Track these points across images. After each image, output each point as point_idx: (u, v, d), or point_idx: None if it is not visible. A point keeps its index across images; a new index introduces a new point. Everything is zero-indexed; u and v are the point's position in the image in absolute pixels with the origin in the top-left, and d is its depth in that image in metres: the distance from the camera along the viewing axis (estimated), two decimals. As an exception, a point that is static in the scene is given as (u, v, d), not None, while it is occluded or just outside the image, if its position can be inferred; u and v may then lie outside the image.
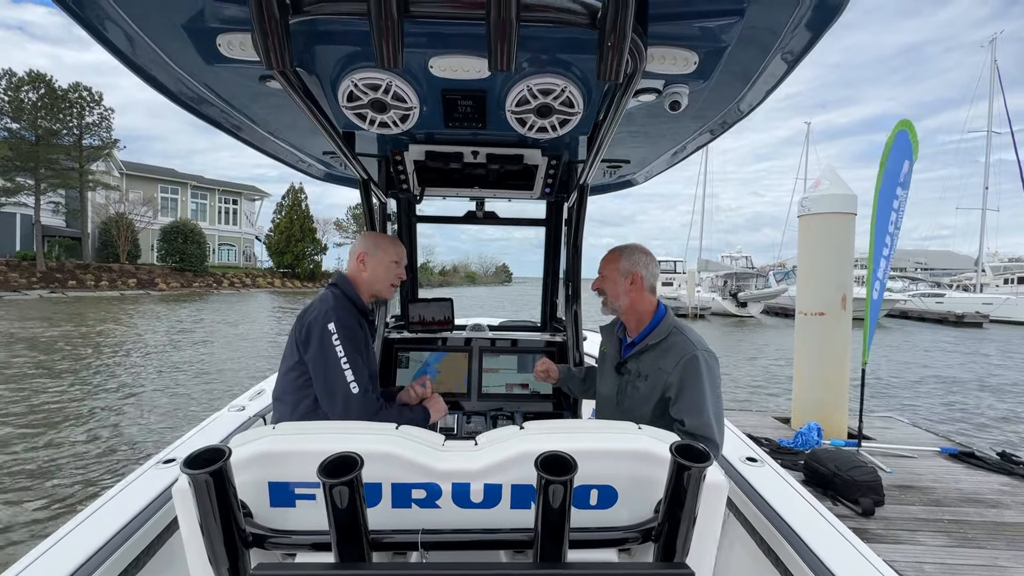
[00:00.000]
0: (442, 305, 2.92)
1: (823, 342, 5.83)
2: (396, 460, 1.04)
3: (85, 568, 1.26)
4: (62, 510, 4.65)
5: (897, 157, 5.18)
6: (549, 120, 1.47)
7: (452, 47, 1.20)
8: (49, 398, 8.44)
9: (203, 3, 1.05)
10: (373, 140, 2.10)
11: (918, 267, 52.75)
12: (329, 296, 1.85)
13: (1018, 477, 4.68)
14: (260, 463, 1.03)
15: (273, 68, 0.93)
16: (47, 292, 29.83)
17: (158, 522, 1.53)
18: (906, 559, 3.37)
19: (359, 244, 1.98)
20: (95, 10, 1.07)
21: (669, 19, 1.08)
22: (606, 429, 1.23)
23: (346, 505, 0.90)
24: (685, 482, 0.97)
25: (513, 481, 1.06)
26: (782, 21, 1.07)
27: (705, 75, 1.31)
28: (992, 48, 37.33)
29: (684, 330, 1.79)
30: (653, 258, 1.90)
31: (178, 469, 1.75)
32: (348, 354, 1.71)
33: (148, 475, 1.74)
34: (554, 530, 0.94)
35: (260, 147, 2.14)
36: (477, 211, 2.96)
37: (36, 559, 1.28)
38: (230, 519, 0.95)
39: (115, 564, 1.34)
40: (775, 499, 1.71)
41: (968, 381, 12.42)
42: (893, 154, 5.16)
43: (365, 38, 1.15)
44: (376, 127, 1.49)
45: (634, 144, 2.10)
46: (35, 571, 1.24)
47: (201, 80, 1.42)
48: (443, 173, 2.27)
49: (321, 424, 1.24)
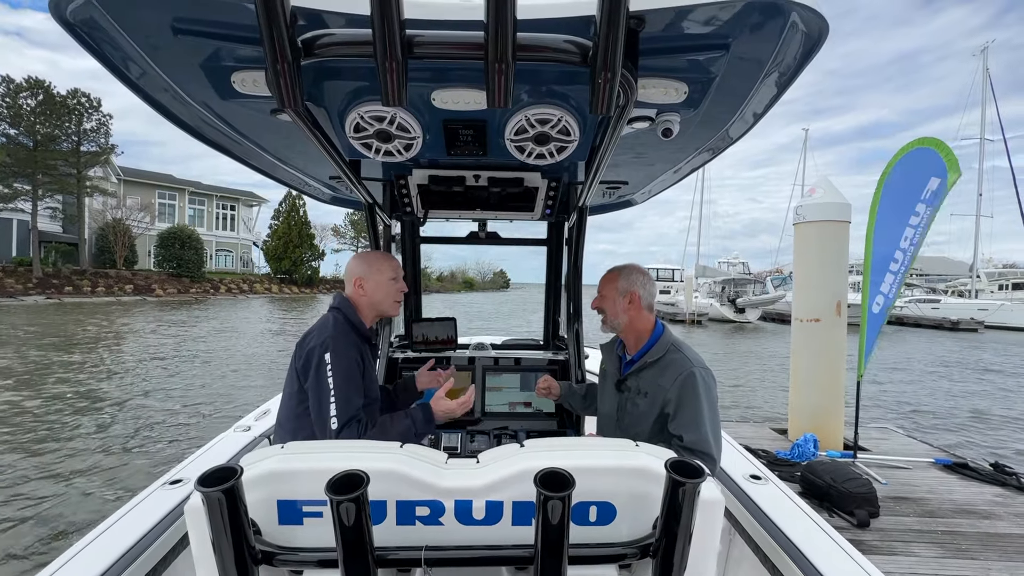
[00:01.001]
0: (445, 324, 2.94)
1: (819, 348, 5.89)
2: (400, 478, 1.06)
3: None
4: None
5: (917, 174, 5.11)
6: (547, 147, 1.50)
7: (453, 81, 1.24)
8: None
9: (220, 44, 1.09)
10: (378, 166, 2.14)
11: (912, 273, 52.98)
12: (330, 321, 1.82)
13: (1011, 488, 4.72)
14: (269, 481, 1.06)
15: (286, 107, 0.97)
16: (43, 298, 29.69)
17: (165, 542, 1.54)
18: (900, 570, 3.39)
19: (353, 269, 1.94)
20: (113, 47, 1.11)
21: (658, 53, 1.11)
22: (604, 446, 1.25)
23: (352, 522, 0.92)
24: (680, 498, 0.98)
25: (514, 498, 1.08)
26: (766, 53, 1.11)
27: (695, 104, 1.35)
28: (984, 56, 37.70)
29: (682, 347, 1.83)
30: (650, 277, 1.96)
31: (183, 489, 1.78)
32: (337, 386, 1.68)
33: (155, 496, 1.75)
34: (554, 546, 0.96)
35: (269, 173, 2.17)
36: (479, 232, 3.00)
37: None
38: (241, 536, 0.97)
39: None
40: (780, 517, 1.72)
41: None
42: (903, 171, 5.09)
43: (370, 74, 1.20)
44: (381, 155, 1.52)
45: (632, 166, 2.13)
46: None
47: (215, 113, 1.46)
48: (446, 196, 2.31)
49: (328, 443, 1.27)
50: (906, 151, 5.20)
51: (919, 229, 5.17)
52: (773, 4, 0.94)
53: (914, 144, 5.21)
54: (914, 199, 5.13)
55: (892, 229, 5.14)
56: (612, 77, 0.91)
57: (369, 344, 1.94)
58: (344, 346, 1.75)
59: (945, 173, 5.13)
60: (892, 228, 5.14)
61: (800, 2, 0.93)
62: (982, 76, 37.78)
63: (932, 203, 5.15)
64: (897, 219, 5.14)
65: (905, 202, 5.14)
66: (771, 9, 0.96)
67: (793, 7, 0.94)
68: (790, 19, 0.98)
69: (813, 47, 1.07)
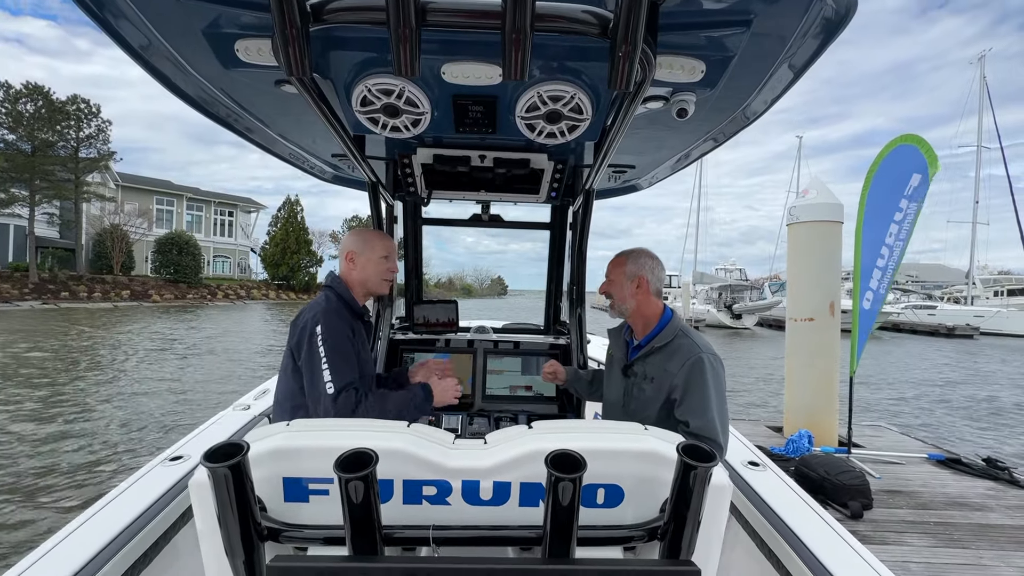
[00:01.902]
0: (447, 307, 2.96)
1: (813, 347, 5.94)
2: (408, 457, 1.06)
3: (94, 563, 1.26)
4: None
5: (900, 170, 5.22)
6: (558, 126, 1.47)
7: (464, 54, 1.22)
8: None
9: (223, 9, 1.07)
10: (382, 143, 2.13)
11: (909, 280, 53.23)
12: (321, 299, 1.86)
13: (1003, 482, 4.76)
14: (275, 459, 1.05)
15: (293, 75, 0.96)
16: (39, 304, 29.59)
17: (166, 518, 1.53)
18: (893, 559, 3.42)
19: (347, 243, 1.97)
20: (116, 14, 1.10)
21: (678, 29, 1.09)
22: (613, 429, 1.25)
23: (360, 500, 0.92)
24: (691, 482, 0.97)
25: (522, 479, 1.07)
26: (788, 31, 1.08)
27: (712, 83, 1.33)
28: (981, 65, 38.10)
29: (690, 334, 1.80)
30: (659, 262, 1.92)
31: (184, 466, 1.77)
32: (328, 355, 1.69)
33: (155, 472, 1.74)
34: (563, 527, 0.95)
35: (270, 148, 2.15)
36: (482, 214, 2.98)
37: (43, 555, 1.26)
38: (247, 512, 0.96)
39: (123, 559, 1.33)
40: (777, 502, 1.71)
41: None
42: (888, 169, 5.21)
43: (380, 45, 1.19)
44: (388, 131, 1.50)
45: (640, 149, 2.11)
46: (42, 567, 1.22)
47: (217, 84, 1.44)
48: (450, 176, 2.29)
49: (334, 421, 1.27)
50: (890, 149, 5.33)
51: (903, 225, 5.29)
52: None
53: (896, 142, 5.34)
54: (897, 195, 5.26)
55: (878, 226, 5.25)
56: (632, 51, 0.89)
57: (362, 321, 1.96)
58: (336, 320, 1.77)
59: (926, 168, 5.26)
60: (878, 225, 5.25)
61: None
62: (979, 84, 38.19)
63: (915, 199, 5.28)
64: (883, 216, 5.26)
65: (889, 199, 5.26)
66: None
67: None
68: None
69: (838, 25, 1.04)
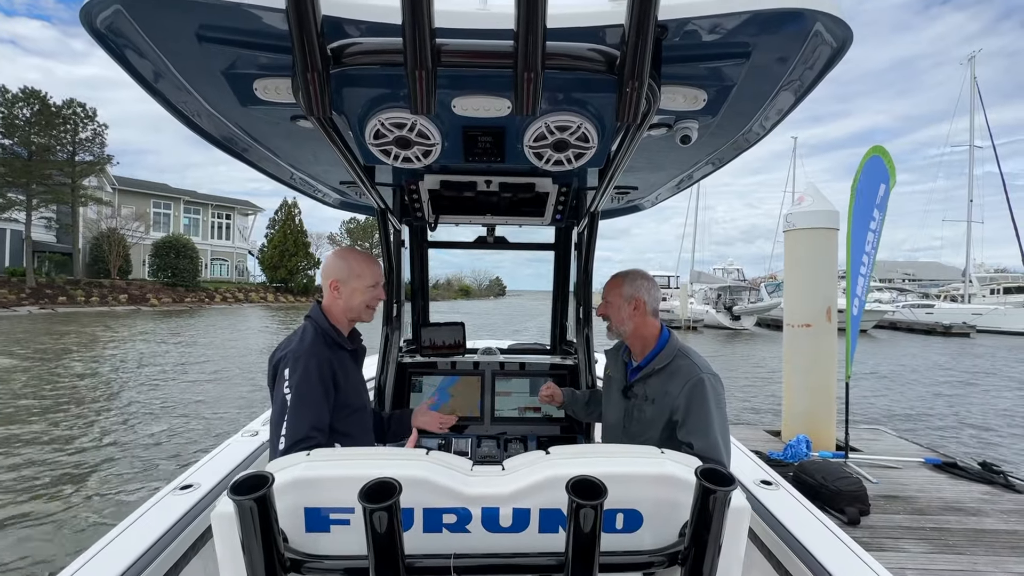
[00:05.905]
0: (454, 329, 2.97)
1: (810, 353, 6.01)
2: (428, 485, 1.05)
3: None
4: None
5: (872, 181, 5.40)
6: (565, 154, 1.50)
7: (475, 88, 1.24)
8: None
9: (245, 52, 1.09)
10: (390, 171, 2.15)
11: (906, 278, 53.48)
12: (298, 335, 1.75)
13: (998, 486, 4.83)
14: (296, 489, 1.04)
15: (313, 115, 0.97)
16: (37, 309, 29.51)
17: (176, 548, 1.52)
18: (889, 565, 3.41)
19: (331, 270, 1.81)
20: (139, 56, 1.11)
21: (680, 61, 1.12)
22: (630, 453, 1.24)
23: (385, 530, 0.91)
24: (711, 506, 0.97)
25: (541, 505, 1.07)
26: (786, 61, 1.11)
27: (713, 111, 1.37)
28: (971, 65, 38.27)
29: (690, 354, 1.82)
30: (654, 283, 1.95)
31: (194, 495, 1.79)
32: (292, 402, 1.59)
33: (165, 501, 1.74)
34: (585, 554, 0.96)
35: (279, 178, 2.17)
36: (488, 236, 3.00)
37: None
38: (271, 544, 0.96)
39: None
40: (793, 523, 1.69)
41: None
42: (866, 179, 5.38)
43: (394, 82, 1.22)
44: (400, 162, 1.53)
45: (643, 172, 2.14)
46: None
47: (233, 120, 1.47)
48: (457, 201, 2.31)
49: (355, 450, 1.28)
50: (867, 159, 5.47)
51: (876, 233, 5.49)
52: (797, 12, 0.94)
53: (870, 153, 5.49)
54: (871, 206, 5.46)
55: (860, 236, 5.42)
56: (639, 86, 0.91)
57: (348, 351, 1.85)
58: (308, 362, 1.65)
59: (888, 179, 5.46)
60: (860, 235, 5.42)
61: (824, 11, 0.93)
62: (971, 85, 38.40)
63: (883, 208, 5.52)
64: (863, 226, 5.43)
65: (867, 210, 5.45)
66: (795, 18, 0.96)
67: (817, 16, 0.95)
68: (813, 28, 0.98)
69: (835, 56, 1.07)
